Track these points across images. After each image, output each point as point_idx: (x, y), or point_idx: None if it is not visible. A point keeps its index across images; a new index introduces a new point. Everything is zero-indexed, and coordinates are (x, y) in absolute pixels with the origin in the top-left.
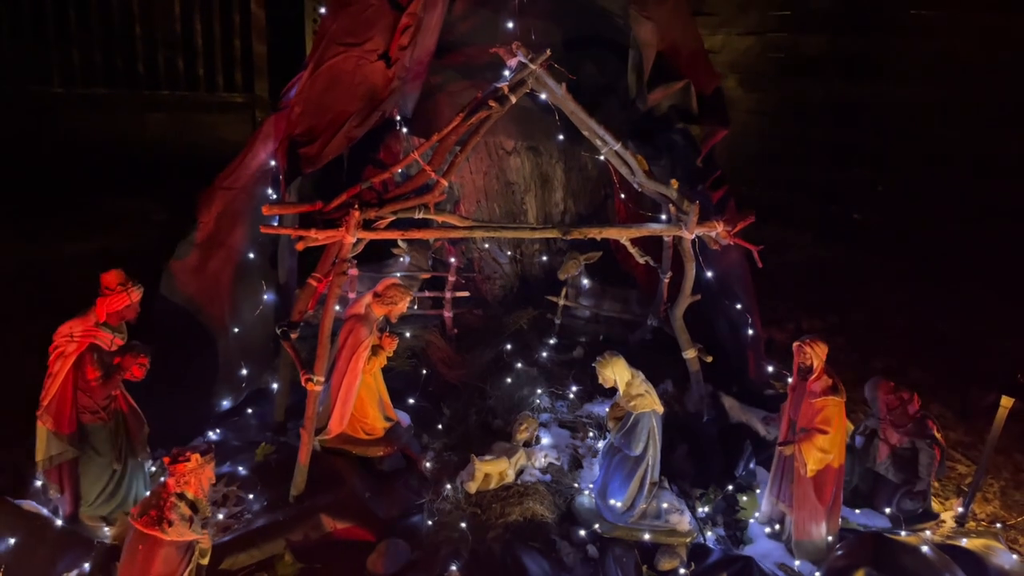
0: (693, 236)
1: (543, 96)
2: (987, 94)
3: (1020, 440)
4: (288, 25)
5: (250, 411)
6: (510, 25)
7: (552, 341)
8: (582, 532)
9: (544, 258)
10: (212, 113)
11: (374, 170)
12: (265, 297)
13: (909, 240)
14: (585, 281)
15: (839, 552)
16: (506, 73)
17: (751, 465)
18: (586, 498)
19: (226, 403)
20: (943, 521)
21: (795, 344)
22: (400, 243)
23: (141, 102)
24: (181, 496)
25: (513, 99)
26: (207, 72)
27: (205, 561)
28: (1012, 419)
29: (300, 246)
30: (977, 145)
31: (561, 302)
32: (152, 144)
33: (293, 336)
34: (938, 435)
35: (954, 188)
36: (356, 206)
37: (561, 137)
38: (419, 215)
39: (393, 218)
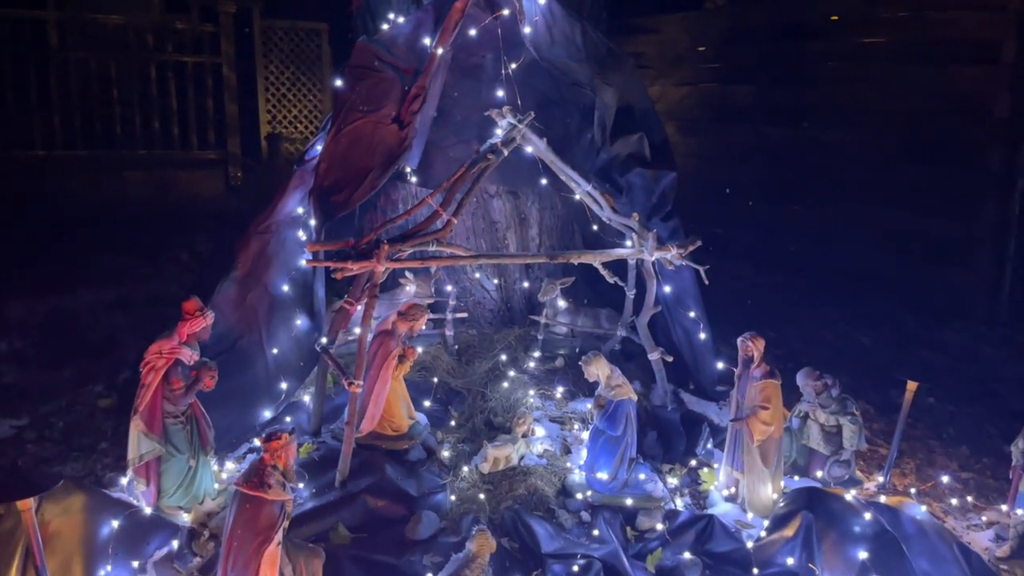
0: (653, 258)
1: (529, 149)
2: (893, 134)
3: (931, 429)
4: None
5: (288, 419)
6: (500, 94)
7: (536, 354)
8: (577, 500)
9: (525, 284)
10: (187, 170)
11: (378, 215)
12: (298, 323)
13: (833, 266)
14: (561, 302)
15: (781, 504)
16: (498, 131)
17: (709, 446)
18: (576, 475)
19: (267, 414)
20: (867, 488)
21: (739, 340)
22: (407, 274)
23: (119, 162)
24: (274, 467)
25: (505, 152)
26: (181, 131)
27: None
28: (923, 414)
29: (339, 275)
30: (887, 180)
31: (542, 320)
32: (131, 201)
33: (331, 351)
34: (856, 412)
35: (869, 219)
36: (384, 241)
37: (544, 182)
38: (433, 247)
39: (412, 250)
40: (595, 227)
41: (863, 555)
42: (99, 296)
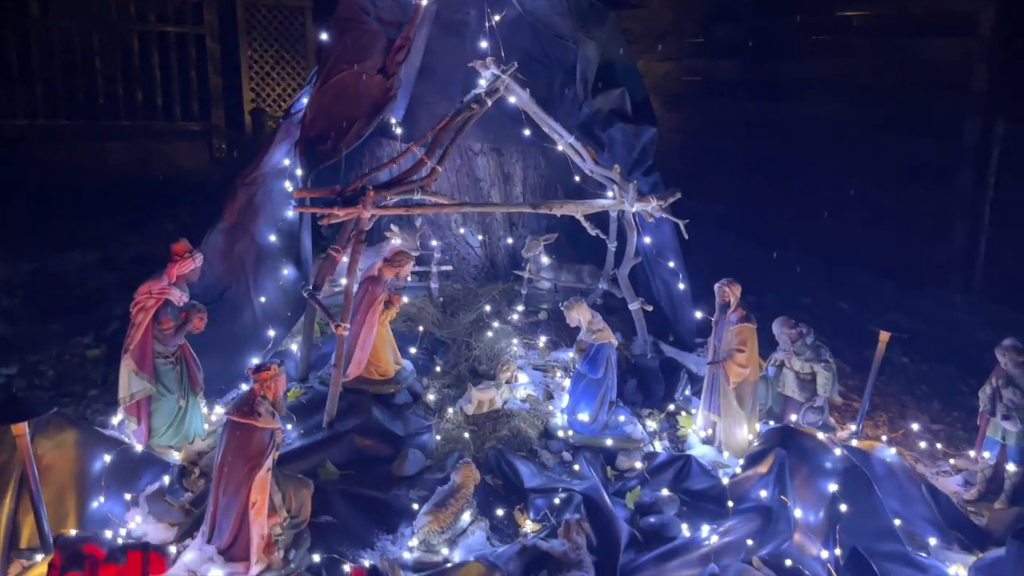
0: (634, 210)
1: (512, 100)
2: (872, 107)
3: (904, 386)
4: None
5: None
6: (484, 45)
7: (520, 308)
8: (558, 441)
9: (509, 240)
10: (171, 141)
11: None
12: (285, 272)
13: (814, 237)
14: (544, 258)
15: (756, 442)
16: (482, 82)
17: (687, 392)
18: (558, 419)
19: (255, 361)
20: (840, 435)
21: (716, 285)
22: (392, 227)
23: (102, 132)
24: (264, 397)
25: (489, 102)
26: (165, 102)
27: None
28: (897, 372)
29: (325, 222)
30: (866, 152)
31: (525, 276)
32: (114, 171)
33: (318, 297)
34: (830, 360)
35: (848, 190)
36: (370, 188)
37: (527, 132)
38: (417, 196)
39: (397, 198)
40: (577, 178)
41: (833, 488)
42: (84, 257)
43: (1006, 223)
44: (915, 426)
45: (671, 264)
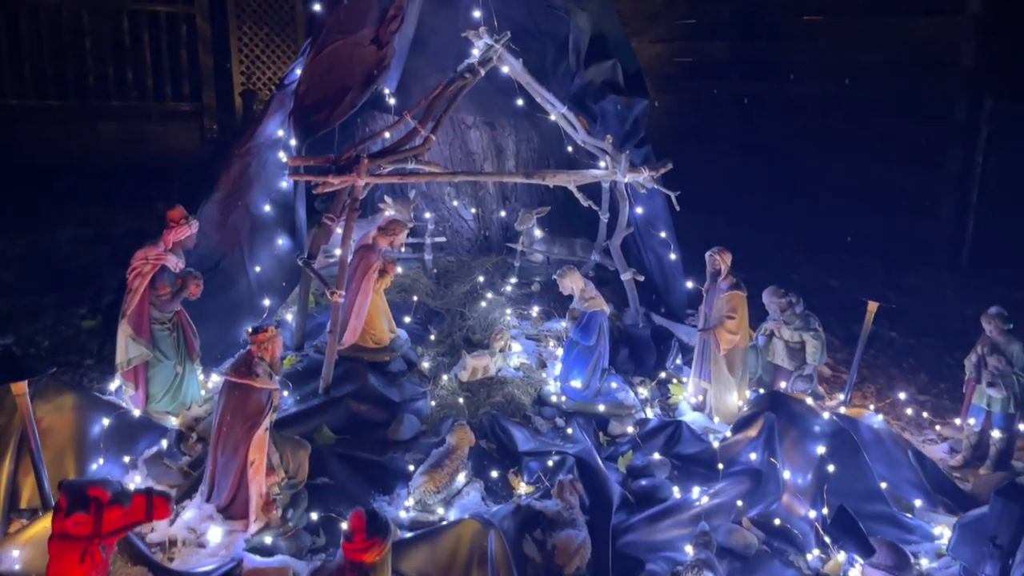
0: (626, 180)
1: (505, 70)
2: (862, 87)
3: (892, 360)
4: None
5: None
6: (476, 14)
7: (513, 280)
8: (551, 407)
9: (502, 214)
10: (162, 121)
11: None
12: (280, 243)
13: (802, 216)
14: (537, 231)
15: (745, 407)
16: (475, 52)
17: (678, 360)
18: (551, 386)
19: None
20: (829, 403)
21: (707, 254)
22: (386, 198)
23: (92, 112)
24: (261, 358)
25: (483, 72)
26: (155, 82)
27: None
28: (885, 346)
29: (320, 190)
30: (855, 132)
31: (519, 248)
32: (105, 151)
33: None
34: (819, 328)
35: (838, 169)
36: (365, 156)
37: (520, 102)
38: (411, 165)
39: (391, 167)
40: (570, 149)
41: (821, 450)
42: (77, 232)
43: (993, 201)
44: (902, 395)
45: (662, 235)
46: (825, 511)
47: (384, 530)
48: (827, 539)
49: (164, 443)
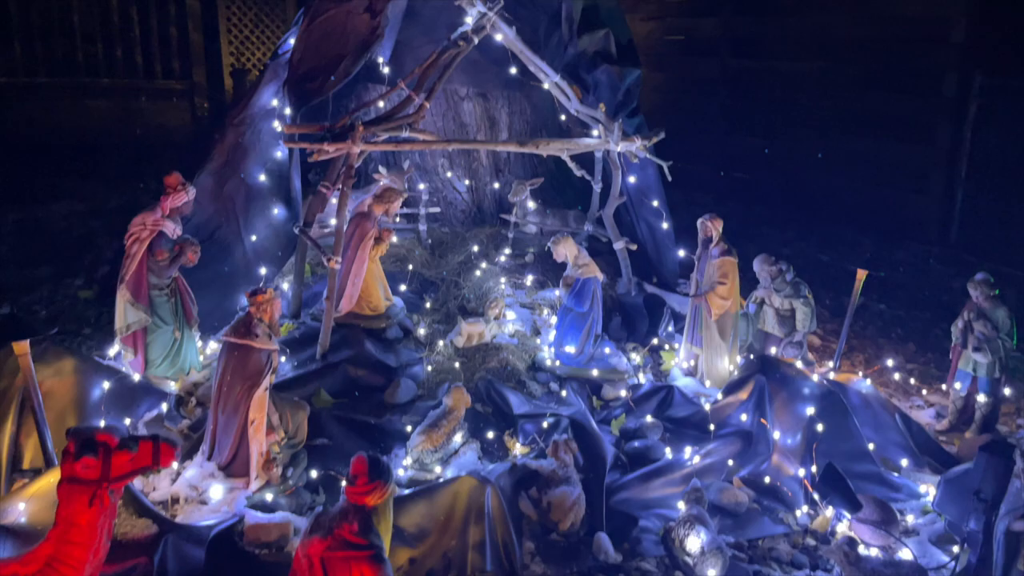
0: (619, 149)
1: (498, 37)
2: (852, 63)
3: (880, 331)
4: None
5: None
6: None
7: (507, 251)
8: (546, 371)
9: (496, 185)
10: (152, 99)
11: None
12: (275, 212)
13: (792, 193)
14: (530, 203)
15: (735, 372)
16: (468, 20)
17: (670, 328)
18: (545, 353)
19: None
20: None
21: (699, 221)
22: (381, 169)
23: (82, 90)
24: (260, 320)
25: (476, 40)
26: (145, 60)
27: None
28: (874, 317)
29: (315, 157)
30: (846, 108)
31: (512, 220)
32: (95, 129)
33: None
34: (809, 295)
35: (828, 145)
36: (360, 123)
37: (514, 71)
38: (406, 133)
39: (386, 135)
40: (563, 117)
41: (810, 411)
42: (70, 206)
43: (982, 176)
44: (890, 362)
45: (655, 203)
46: (814, 469)
47: (386, 474)
48: (816, 495)
49: (164, 407)
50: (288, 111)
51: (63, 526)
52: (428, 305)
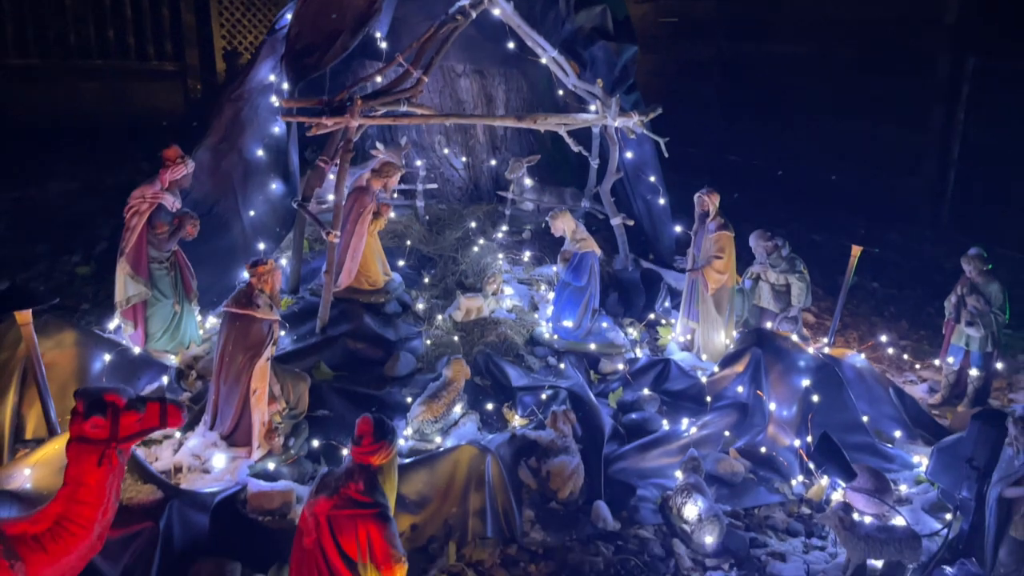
0: (616, 124)
1: (496, 12)
2: (845, 46)
3: (874, 309)
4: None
5: None
6: None
7: (504, 228)
8: (544, 345)
9: (492, 162)
10: (144, 81)
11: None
12: (273, 187)
13: (788, 173)
14: (527, 180)
15: (731, 345)
16: None
17: (666, 304)
18: (543, 328)
19: (246, 274)
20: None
21: (696, 195)
22: (378, 145)
23: (74, 71)
24: (261, 291)
25: (474, 14)
26: (138, 42)
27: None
28: (867, 296)
29: (314, 131)
30: (839, 91)
31: (509, 197)
32: (87, 111)
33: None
34: (804, 271)
35: (821, 128)
36: (358, 97)
37: (511, 46)
38: (403, 108)
39: (384, 109)
40: (560, 92)
41: (806, 383)
42: (66, 185)
43: (974, 158)
44: (883, 338)
45: (652, 179)
46: (809, 440)
47: (391, 434)
48: (811, 465)
49: (165, 379)
50: (286, 86)
51: (72, 486)
52: (426, 281)
